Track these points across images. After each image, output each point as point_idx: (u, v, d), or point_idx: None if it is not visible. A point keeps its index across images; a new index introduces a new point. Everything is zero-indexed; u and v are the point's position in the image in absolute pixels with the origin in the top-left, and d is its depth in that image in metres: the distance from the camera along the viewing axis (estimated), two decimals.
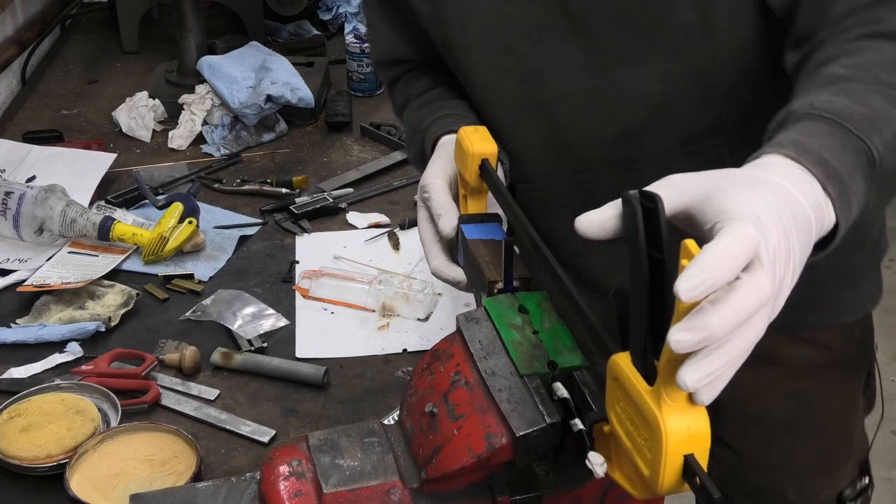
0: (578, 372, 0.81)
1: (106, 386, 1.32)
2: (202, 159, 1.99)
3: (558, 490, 0.84)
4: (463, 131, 1.06)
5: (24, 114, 2.19)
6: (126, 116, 2.08)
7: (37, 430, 1.23)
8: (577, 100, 1.11)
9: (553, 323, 0.87)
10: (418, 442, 0.84)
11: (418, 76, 1.30)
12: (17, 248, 1.66)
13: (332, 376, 1.39)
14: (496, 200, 1.04)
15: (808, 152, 0.74)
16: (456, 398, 0.82)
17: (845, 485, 1.35)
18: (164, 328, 1.49)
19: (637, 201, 0.66)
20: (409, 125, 1.26)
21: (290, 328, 1.49)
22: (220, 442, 1.28)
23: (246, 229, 1.74)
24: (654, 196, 0.66)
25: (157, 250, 1.61)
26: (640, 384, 0.67)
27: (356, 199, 1.83)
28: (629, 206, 0.67)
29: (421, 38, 1.21)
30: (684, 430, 0.65)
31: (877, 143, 0.78)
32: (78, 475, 1.18)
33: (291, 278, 1.61)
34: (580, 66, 1.09)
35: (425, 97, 1.25)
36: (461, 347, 0.86)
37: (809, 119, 0.79)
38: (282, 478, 0.84)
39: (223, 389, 1.36)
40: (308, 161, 2.00)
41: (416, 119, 1.23)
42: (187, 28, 2.15)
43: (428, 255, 1.09)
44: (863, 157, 0.77)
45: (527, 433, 0.77)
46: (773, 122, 0.83)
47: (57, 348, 1.43)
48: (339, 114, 2.12)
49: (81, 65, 2.45)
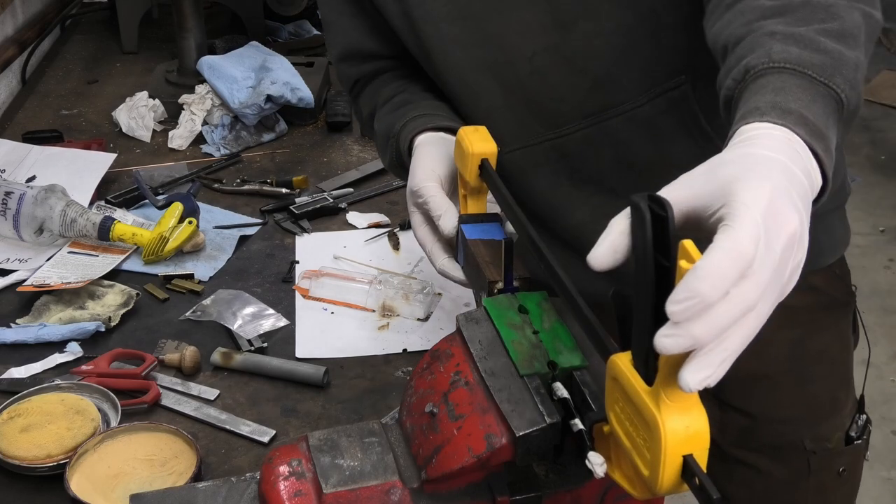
0: (578, 372, 0.81)
1: (106, 386, 1.32)
2: (202, 159, 1.99)
3: (558, 490, 0.84)
4: (463, 131, 1.07)
5: (24, 114, 2.19)
6: (126, 116, 2.08)
7: (37, 430, 1.23)
8: (540, 60, 1.14)
9: (553, 323, 0.87)
10: (418, 442, 0.84)
11: (385, 82, 1.31)
12: (17, 248, 1.66)
13: (332, 376, 1.39)
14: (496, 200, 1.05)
15: (788, 114, 0.76)
16: (456, 398, 0.82)
17: (849, 423, 1.38)
18: (164, 328, 1.49)
19: (646, 207, 0.66)
20: (380, 133, 1.27)
21: (290, 328, 1.49)
22: (220, 442, 1.28)
23: (246, 229, 1.74)
24: (663, 201, 0.66)
25: (157, 250, 1.61)
26: (640, 384, 0.67)
27: (356, 199, 1.83)
28: (638, 212, 0.66)
29: (381, 29, 1.23)
30: (683, 431, 0.65)
31: (841, 85, 0.80)
32: (78, 475, 1.18)
33: (291, 278, 1.61)
34: (539, 28, 1.12)
35: (392, 103, 1.26)
36: (461, 347, 0.86)
37: (773, 73, 0.80)
38: (282, 478, 0.84)
39: (223, 389, 1.37)
40: (308, 161, 2.00)
41: (387, 125, 1.24)
42: (187, 28, 2.15)
43: (431, 256, 1.11)
44: (832, 102, 0.79)
45: (527, 433, 0.78)
46: (728, 79, 0.83)
47: (57, 348, 1.43)
48: (339, 114, 2.12)
49: (81, 65, 2.45)
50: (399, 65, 1.30)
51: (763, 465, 1.37)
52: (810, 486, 1.37)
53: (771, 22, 0.85)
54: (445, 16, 1.15)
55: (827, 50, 0.81)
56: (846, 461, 1.38)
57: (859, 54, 0.83)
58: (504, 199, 1.00)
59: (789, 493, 1.39)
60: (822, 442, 1.36)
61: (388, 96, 1.28)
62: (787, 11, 0.85)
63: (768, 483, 1.38)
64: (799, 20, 0.84)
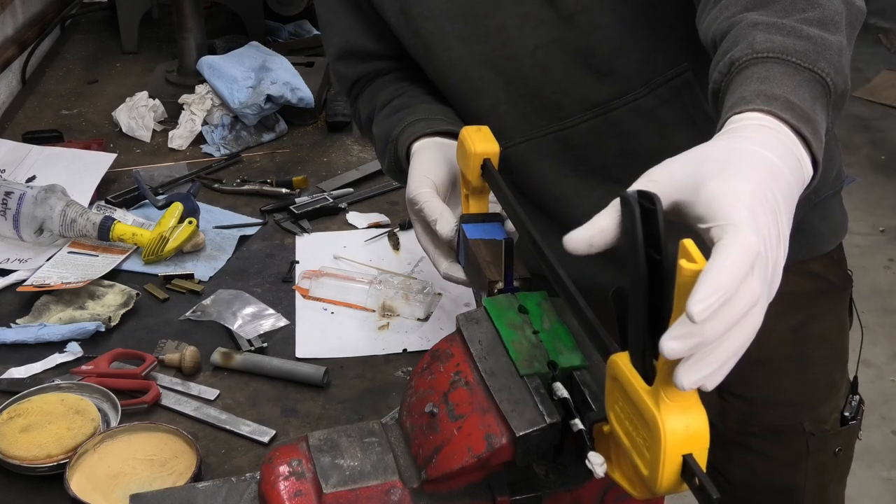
0: (578, 372, 0.81)
1: (106, 386, 1.32)
2: (202, 159, 1.99)
3: (558, 490, 0.84)
4: (465, 131, 1.07)
5: (24, 114, 2.19)
6: (126, 116, 2.08)
7: (37, 430, 1.23)
8: (542, 54, 1.14)
9: (553, 323, 0.87)
10: (418, 442, 0.84)
11: (383, 85, 1.31)
12: (17, 248, 1.66)
13: (332, 376, 1.39)
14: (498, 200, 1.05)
15: (774, 100, 0.76)
16: (456, 398, 0.82)
17: (843, 404, 1.40)
18: (164, 328, 1.49)
19: (636, 202, 0.66)
20: (379, 137, 1.27)
21: (290, 328, 1.49)
22: (220, 442, 1.28)
23: (246, 229, 1.74)
24: (651, 196, 0.66)
25: (157, 250, 1.61)
26: (639, 384, 0.67)
27: (356, 199, 1.84)
28: (628, 207, 0.67)
29: (378, 29, 1.23)
30: (683, 430, 0.65)
31: (826, 69, 0.80)
32: (78, 475, 1.18)
33: (291, 278, 1.61)
34: (538, 22, 1.13)
35: (391, 106, 1.26)
36: (461, 347, 0.86)
37: (757, 63, 0.81)
38: (282, 478, 0.84)
39: (223, 389, 1.37)
40: (308, 161, 2.00)
41: (385, 130, 1.24)
42: (187, 28, 2.15)
43: (435, 262, 1.12)
44: (818, 87, 0.79)
45: (527, 433, 0.78)
46: (715, 73, 0.84)
47: (57, 348, 1.43)
48: (339, 114, 2.12)
49: (81, 65, 2.45)
50: (397, 66, 1.30)
51: (763, 448, 1.38)
52: (808, 467, 1.39)
53: (753, 14, 0.86)
54: (446, 13, 1.16)
55: (809, 36, 0.82)
56: (842, 441, 1.40)
57: (841, 39, 0.84)
58: (506, 198, 1.00)
59: (788, 474, 1.40)
60: (820, 424, 1.37)
61: (387, 100, 1.28)
62: (768, 3, 0.86)
63: (768, 465, 1.39)
64: (780, 11, 0.85)
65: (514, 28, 1.14)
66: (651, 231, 0.66)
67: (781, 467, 1.40)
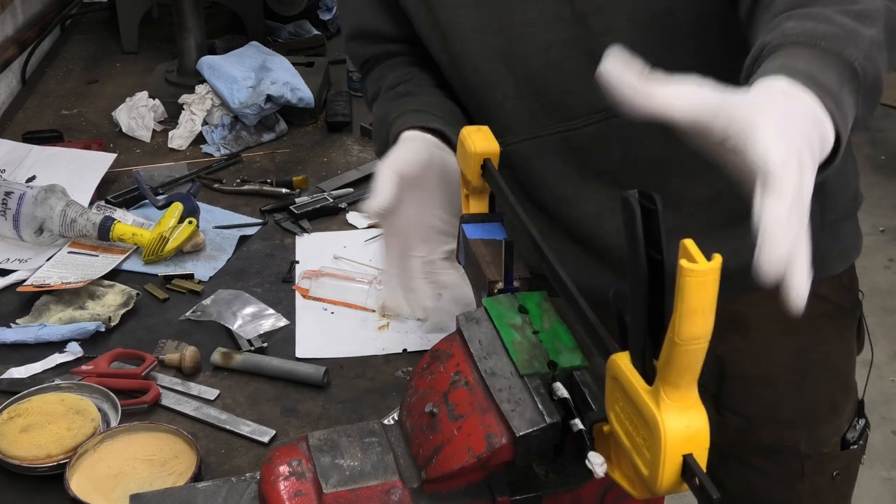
0: (578, 372, 0.81)
1: (106, 386, 1.32)
2: (202, 159, 1.99)
3: (558, 490, 0.84)
4: (465, 131, 1.06)
5: (24, 114, 2.19)
6: (126, 116, 2.08)
7: (37, 430, 1.23)
8: (556, 52, 1.13)
9: (553, 323, 0.87)
10: (418, 442, 0.84)
11: (392, 67, 1.30)
12: (17, 248, 1.66)
13: (332, 376, 1.39)
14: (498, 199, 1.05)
15: (797, 72, 0.76)
16: (456, 398, 0.82)
17: (847, 427, 1.38)
18: (164, 328, 1.49)
19: (636, 201, 0.66)
20: (377, 118, 1.26)
21: (290, 328, 1.49)
22: (220, 442, 1.28)
23: (246, 229, 1.74)
24: (652, 196, 0.66)
25: (157, 250, 1.61)
26: (639, 384, 0.67)
27: (356, 199, 1.83)
28: (628, 206, 0.67)
29: (394, 11, 1.22)
30: (683, 430, 0.65)
31: (854, 55, 0.80)
32: (78, 475, 1.18)
33: (291, 278, 1.61)
34: (553, 19, 1.12)
35: (396, 90, 1.25)
36: (461, 347, 0.86)
37: (786, 47, 0.81)
38: (282, 478, 0.84)
39: (223, 389, 1.37)
40: (308, 161, 2.00)
41: (384, 112, 1.23)
42: (187, 28, 2.15)
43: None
44: (845, 71, 0.79)
45: (527, 433, 0.77)
46: (748, 59, 0.85)
47: (57, 348, 1.43)
48: (339, 114, 2.12)
49: (81, 65, 2.45)
50: (409, 50, 1.29)
51: (759, 464, 1.37)
52: (804, 489, 1.37)
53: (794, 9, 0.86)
54: (463, 3, 1.15)
55: (842, 24, 0.82)
56: (840, 465, 1.38)
57: (876, 34, 0.83)
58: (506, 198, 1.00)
59: (785, 493, 1.39)
60: (818, 446, 1.35)
61: (393, 83, 1.27)
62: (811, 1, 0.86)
63: (765, 481, 1.38)
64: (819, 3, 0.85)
65: (530, 24, 1.13)
66: (651, 231, 0.66)
67: (778, 485, 1.38)
